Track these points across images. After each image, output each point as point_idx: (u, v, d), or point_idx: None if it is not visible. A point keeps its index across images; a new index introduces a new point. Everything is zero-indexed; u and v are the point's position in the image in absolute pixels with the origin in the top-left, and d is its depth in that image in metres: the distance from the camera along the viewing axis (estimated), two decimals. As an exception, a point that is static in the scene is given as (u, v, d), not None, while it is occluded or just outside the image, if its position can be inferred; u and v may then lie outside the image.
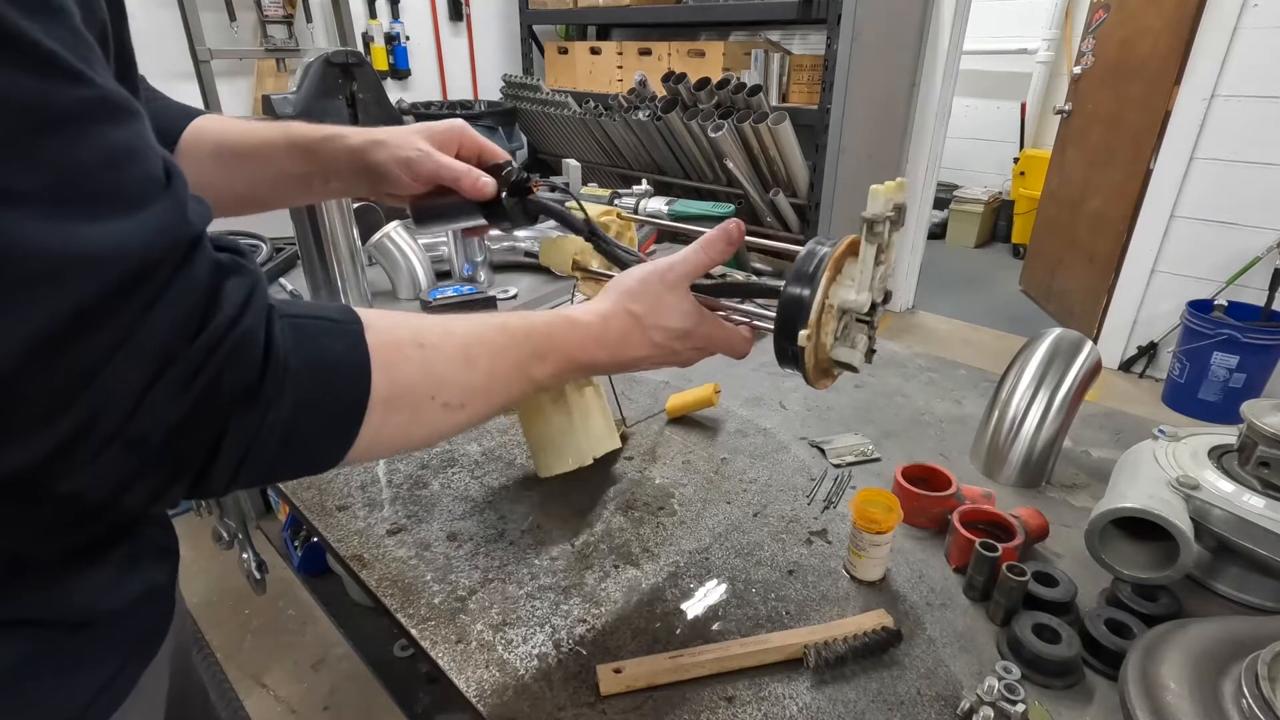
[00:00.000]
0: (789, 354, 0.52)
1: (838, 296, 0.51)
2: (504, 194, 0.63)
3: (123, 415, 0.30)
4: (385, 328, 0.40)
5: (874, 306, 0.52)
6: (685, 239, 0.59)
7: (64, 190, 0.28)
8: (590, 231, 0.64)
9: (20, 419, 0.29)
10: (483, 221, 0.65)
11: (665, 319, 0.54)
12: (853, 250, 0.51)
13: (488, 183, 0.62)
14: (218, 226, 0.40)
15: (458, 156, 0.65)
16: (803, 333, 0.50)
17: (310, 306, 0.38)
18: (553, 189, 0.66)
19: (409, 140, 0.63)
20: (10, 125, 0.26)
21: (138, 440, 0.31)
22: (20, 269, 0.27)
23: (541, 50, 3.86)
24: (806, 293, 0.50)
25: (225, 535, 1.64)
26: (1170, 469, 0.66)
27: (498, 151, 0.67)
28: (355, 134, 0.64)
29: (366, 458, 0.40)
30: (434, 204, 0.65)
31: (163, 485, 0.33)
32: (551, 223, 0.67)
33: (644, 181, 2.44)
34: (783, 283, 0.52)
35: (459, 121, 0.66)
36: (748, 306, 0.58)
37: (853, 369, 0.53)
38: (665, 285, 0.54)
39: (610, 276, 0.61)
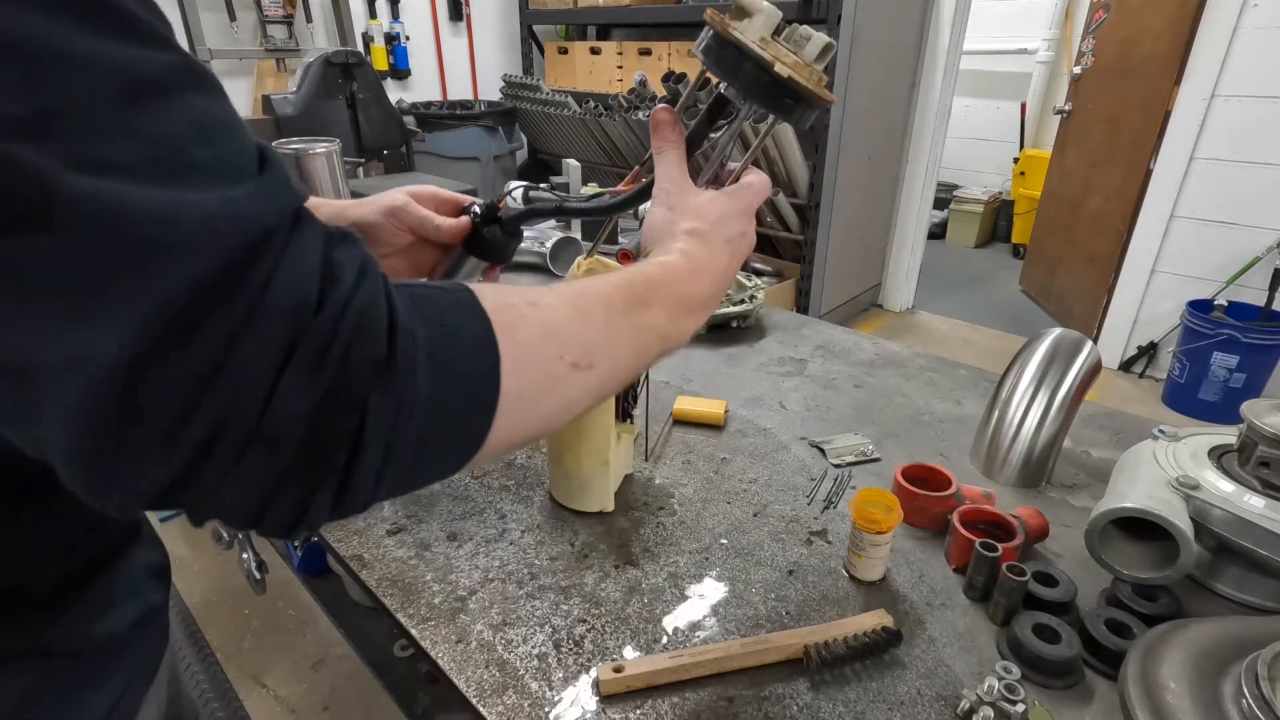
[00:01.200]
0: (786, 96, 0.51)
1: (755, 32, 0.51)
2: (482, 227, 0.64)
3: (256, 409, 0.26)
4: (491, 291, 0.36)
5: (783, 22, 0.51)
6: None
7: (166, 160, 0.25)
8: (490, 215, 0.64)
9: (149, 427, 0.25)
10: (483, 263, 0.66)
11: (713, 215, 0.54)
12: (735, 14, 0.51)
13: (464, 221, 0.64)
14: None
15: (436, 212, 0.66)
16: (777, 68, 0.49)
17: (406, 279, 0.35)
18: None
19: (391, 193, 0.63)
20: (103, 93, 0.24)
21: (274, 440, 0.27)
22: (133, 241, 0.24)
23: (541, 50, 3.86)
24: (744, 58, 0.50)
25: (225, 535, 1.64)
26: (1170, 469, 0.66)
27: (463, 198, 0.68)
28: (329, 202, 0.65)
29: (506, 439, 0.36)
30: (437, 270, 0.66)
31: (306, 495, 0.29)
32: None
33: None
34: (735, 98, 0.54)
35: (429, 187, 0.67)
36: (730, 162, 0.60)
37: (831, 45, 0.52)
38: (685, 196, 0.55)
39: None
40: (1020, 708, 0.53)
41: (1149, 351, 3.08)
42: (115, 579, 0.43)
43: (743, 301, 1.26)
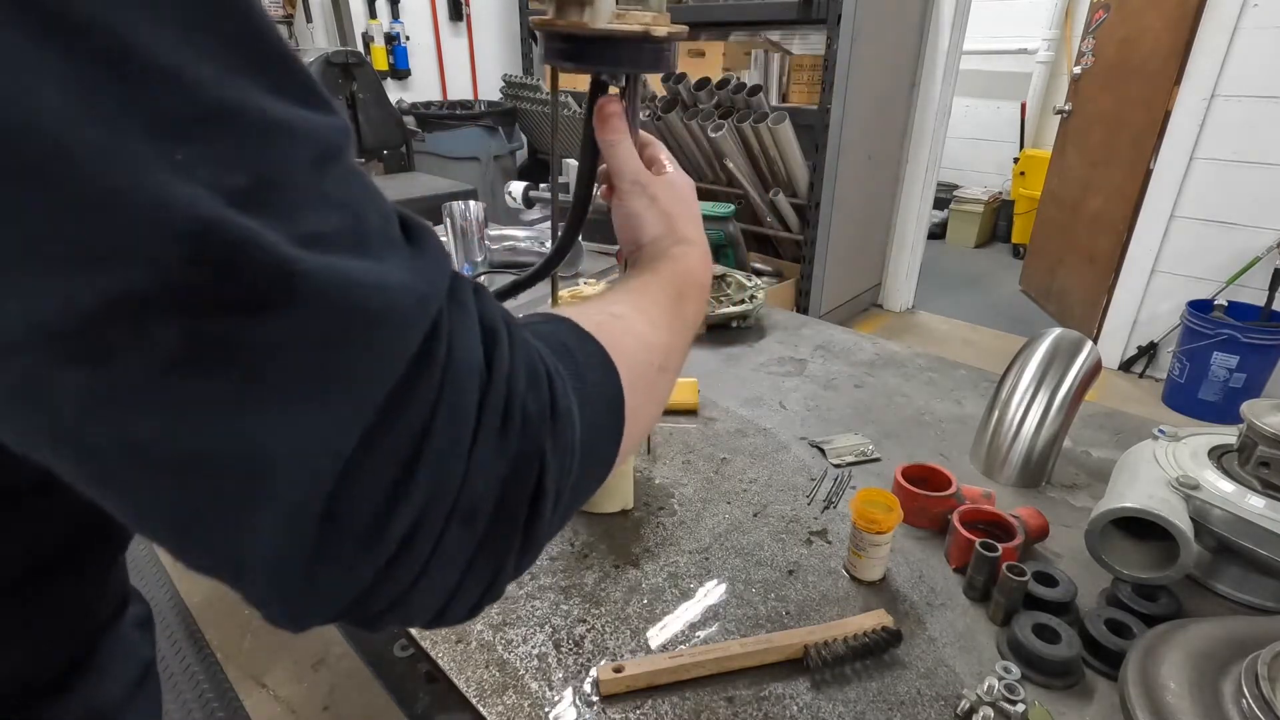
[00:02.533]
0: (666, 50, 0.52)
1: (606, 12, 0.51)
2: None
3: (456, 484, 0.24)
4: (578, 312, 0.37)
5: None
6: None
7: (355, 229, 0.24)
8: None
9: (355, 524, 0.22)
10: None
11: (689, 196, 0.56)
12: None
13: None
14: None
15: None
16: (657, 31, 0.50)
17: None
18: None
19: None
20: (302, 162, 0.22)
21: (471, 513, 0.25)
22: (360, 318, 0.22)
23: (542, 50, 3.85)
24: (624, 42, 0.51)
25: None
26: (1170, 469, 0.66)
27: None
28: None
29: (621, 458, 0.36)
30: None
31: (495, 566, 0.27)
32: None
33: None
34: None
35: None
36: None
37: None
38: (658, 183, 0.54)
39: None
40: (1020, 708, 0.53)
41: (1149, 351, 3.08)
42: (113, 647, 0.42)
43: (743, 301, 1.26)
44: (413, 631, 0.61)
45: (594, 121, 0.55)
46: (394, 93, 3.52)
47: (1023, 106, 4.74)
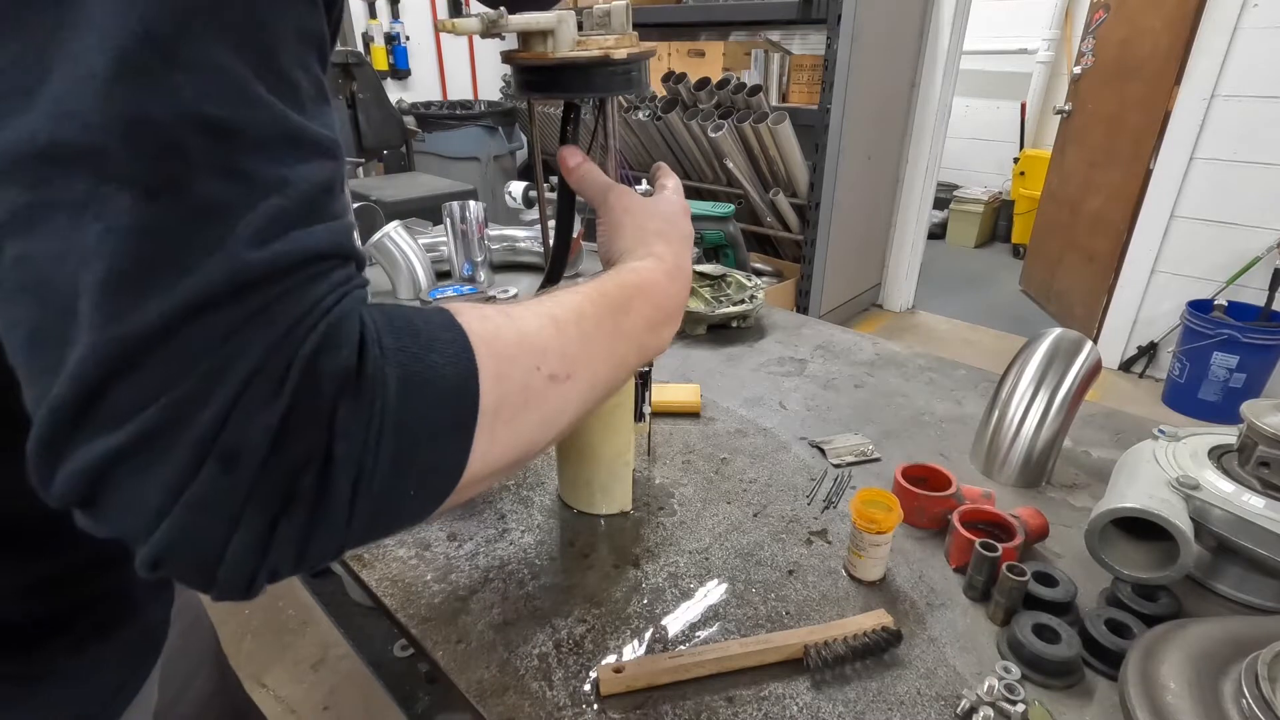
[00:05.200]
0: (633, 71, 0.55)
1: (568, 41, 0.54)
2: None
3: (211, 414, 0.25)
4: (465, 305, 0.36)
5: None
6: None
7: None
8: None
9: (107, 394, 0.25)
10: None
11: (671, 214, 0.55)
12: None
13: None
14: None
15: None
16: (617, 54, 0.53)
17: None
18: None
19: None
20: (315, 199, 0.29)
21: (230, 455, 0.26)
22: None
23: (541, 50, 3.85)
24: (590, 68, 0.53)
25: None
26: (1170, 469, 0.66)
27: None
28: None
29: (489, 460, 0.34)
30: None
31: (269, 524, 0.27)
32: (551, 221, 0.67)
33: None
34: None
35: None
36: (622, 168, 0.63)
37: (626, 4, 0.55)
38: (633, 199, 0.54)
39: None
40: (1020, 708, 0.53)
41: (1149, 351, 3.08)
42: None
43: (743, 301, 1.26)
44: (413, 632, 0.61)
45: (560, 169, 0.57)
46: (394, 93, 3.52)
47: (1023, 106, 4.74)
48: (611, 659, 0.58)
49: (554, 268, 0.64)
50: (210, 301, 0.25)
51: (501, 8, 0.49)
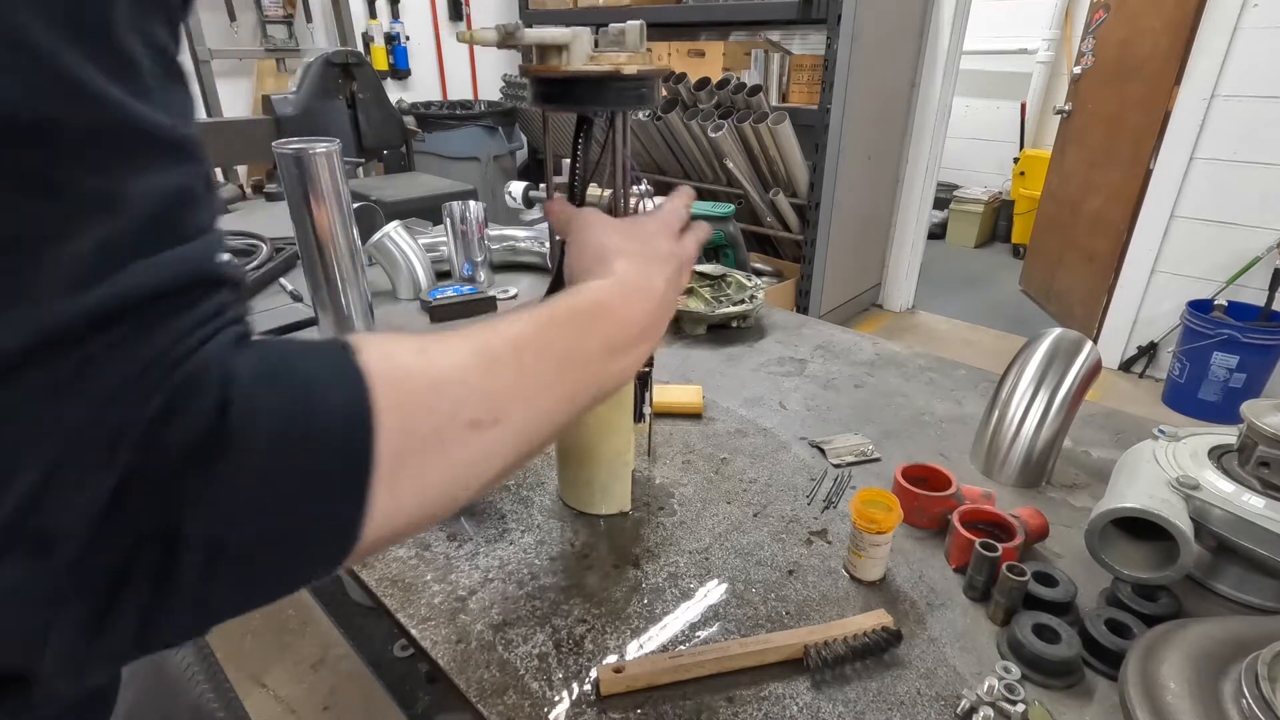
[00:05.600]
0: (643, 88, 0.57)
1: (582, 56, 0.55)
2: None
3: (23, 499, 0.21)
4: (370, 339, 0.31)
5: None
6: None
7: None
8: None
9: None
10: None
11: (637, 232, 0.52)
12: None
13: None
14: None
15: None
16: (629, 70, 0.55)
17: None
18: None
19: None
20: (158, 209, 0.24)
21: (42, 541, 0.22)
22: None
23: (541, 50, 3.85)
24: (604, 82, 0.55)
25: None
26: (1170, 469, 0.66)
27: None
28: None
29: (391, 521, 0.30)
30: None
31: (97, 614, 0.23)
32: (545, 224, 0.67)
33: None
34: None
35: None
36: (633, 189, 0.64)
37: (642, 25, 0.57)
38: (596, 217, 0.53)
39: None
40: (1020, 708, 0.53)
41: (1149, 351, 3.08)
42: None
43: (743, 301, 1.26)
44: (413, 632, 0.61)
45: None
46: (394, 93, 3.52)
47: (1023, 106, 4.74)
48: (611, 659, 0.58)
49: (557, 281, 0.65)
50: (7, 366, 0.21)
51: (518, 20, 0.50)
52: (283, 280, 1.41)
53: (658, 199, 0.61)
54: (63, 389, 0.22)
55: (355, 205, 1.27)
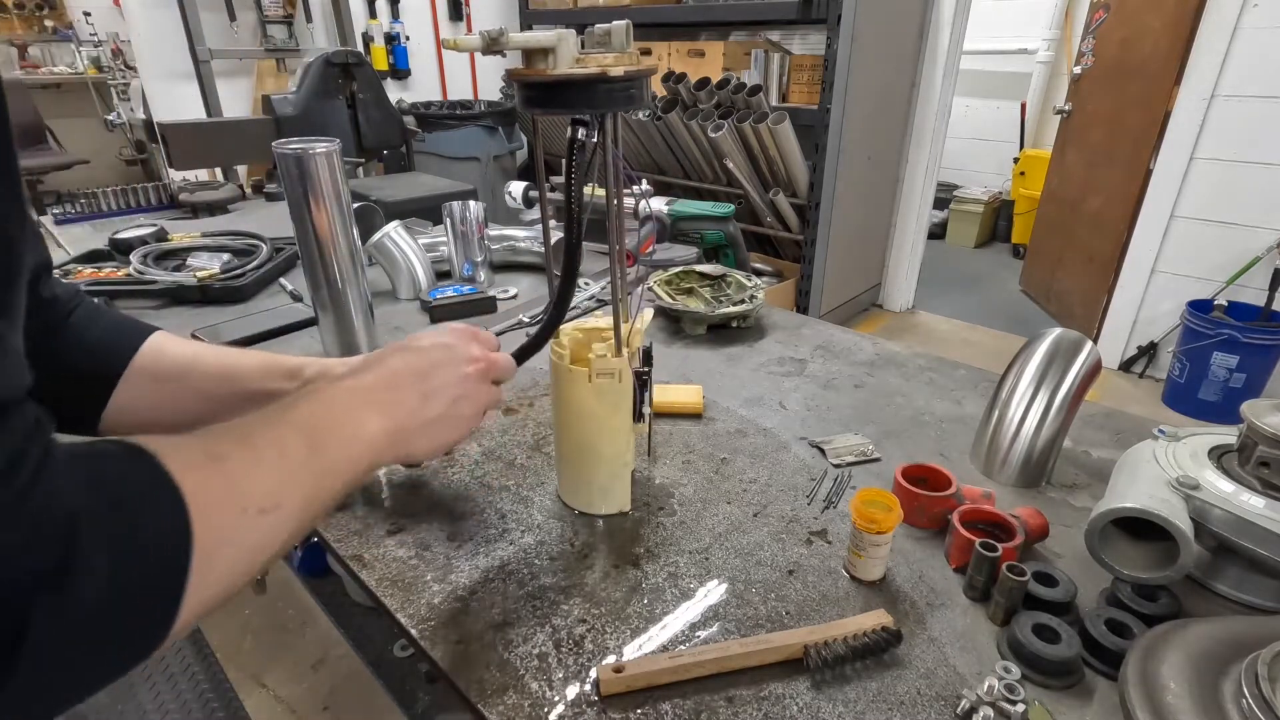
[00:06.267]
0: (633, 89, 0.57)
1: (568, 59, 0.56)
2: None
3: None
4: (172, 448, 0.34)
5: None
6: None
7: None
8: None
9: None
10: None
11: (421, 339, 0.56)
12: None
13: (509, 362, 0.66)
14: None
15: None
16: (615, 72, 0.55)
17: (74, 441, 0.32)
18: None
19: None
20: None
21: None
22: None
23: (541, 50, 3.85)
24: (591, 84, 0.56)
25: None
26: (1170, 469, 0.66)
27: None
28: (338, 362, 0.68)
29: (199, 608, 0.33)
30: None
31: None
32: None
33: (644, 182, 2.45)
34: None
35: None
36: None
37: (628, 25, 0.57)
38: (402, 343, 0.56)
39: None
40: (1020, 708, 0.53)
41: (1149, 351, 3.08)
42: None
43: (743, 301, 1.26)
44: (412, 632, 0.61)
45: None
46: (394, 93, 3.52)
47: (1023, 106, 4.74)
48: (611, 659, 0.58)
49: (556, 314, 0.66)
50: None
51: (502, 25, 0.50)
52: (283, 280, 1.41)
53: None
54: None
55: (355, 205, 1.27)
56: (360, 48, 3.39)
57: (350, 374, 0.52)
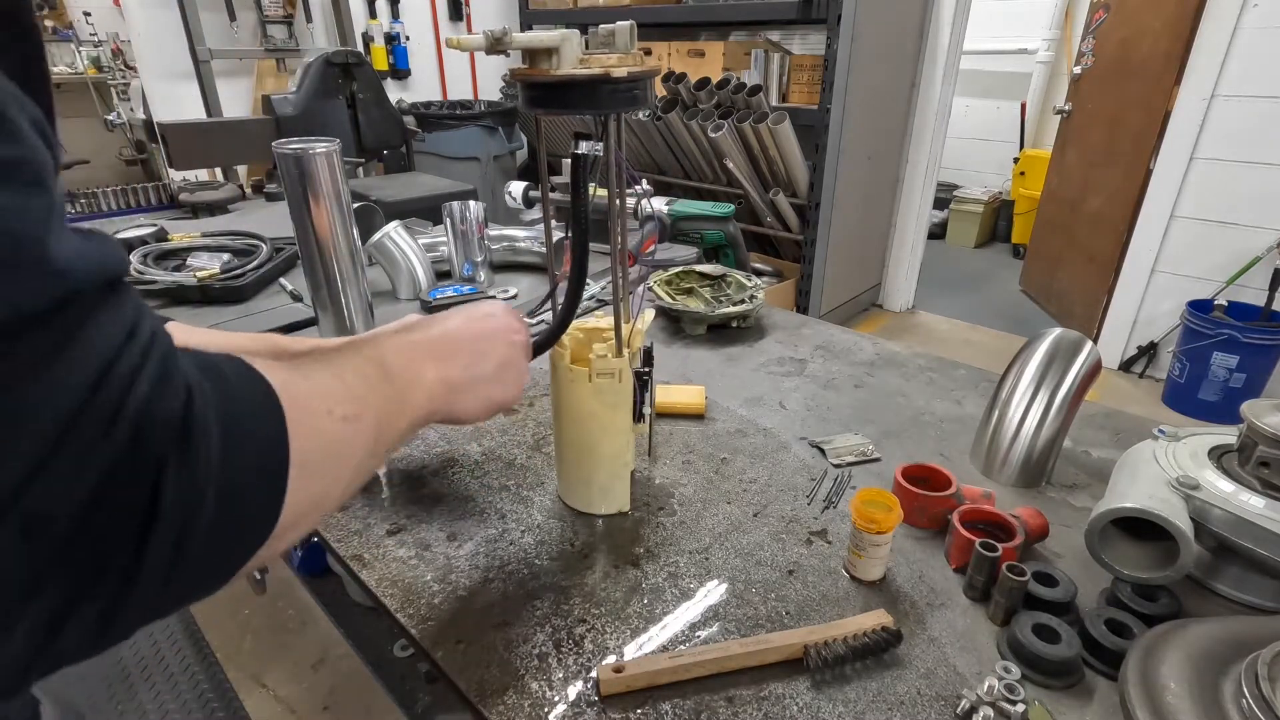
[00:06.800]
0: (636, 89, 0.58)
1: (571, 60, 0.56)
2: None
3: (16, 474, 0.21)
4: (257, 361, 0.34)
5: None
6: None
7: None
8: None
9: None
10: None
11: (476, 308, 0.58)
12: None
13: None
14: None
15: None
16: (617, 72, 0.55)
17: None
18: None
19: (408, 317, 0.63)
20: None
21: (39, 522, 0.22)
22: None
23: (541, 50, 3.85)
24: (594, 84, 0.56)
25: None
26: (1170, 469, 0.66)
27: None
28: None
29: (297, 512, 0.33)
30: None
31: (68, 608, 0.23)
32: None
33: (644, 182, 2.44)
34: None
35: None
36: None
37: (632, 26, 0.59)
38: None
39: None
40: (1020, 708, 0.53)
41: (1149, 351, 3.08)
42: None
43: (743, 301, 1.26)
44: (413, 632, 0.61)
45: None
46: (394, 93, 3.52)
47: (1023, 106, 4.74)
48: (611, 659, 0.58)
49: (561, 323, 0.66)
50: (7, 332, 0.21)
51: (505, 25, 0.50)
52: (283, 280, 1.41)
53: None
54: (61, 353, 0.22)
55: (355, 205, 1.27)
56: (360, 48, 3.39)
57: (406, 329, 0.53)
